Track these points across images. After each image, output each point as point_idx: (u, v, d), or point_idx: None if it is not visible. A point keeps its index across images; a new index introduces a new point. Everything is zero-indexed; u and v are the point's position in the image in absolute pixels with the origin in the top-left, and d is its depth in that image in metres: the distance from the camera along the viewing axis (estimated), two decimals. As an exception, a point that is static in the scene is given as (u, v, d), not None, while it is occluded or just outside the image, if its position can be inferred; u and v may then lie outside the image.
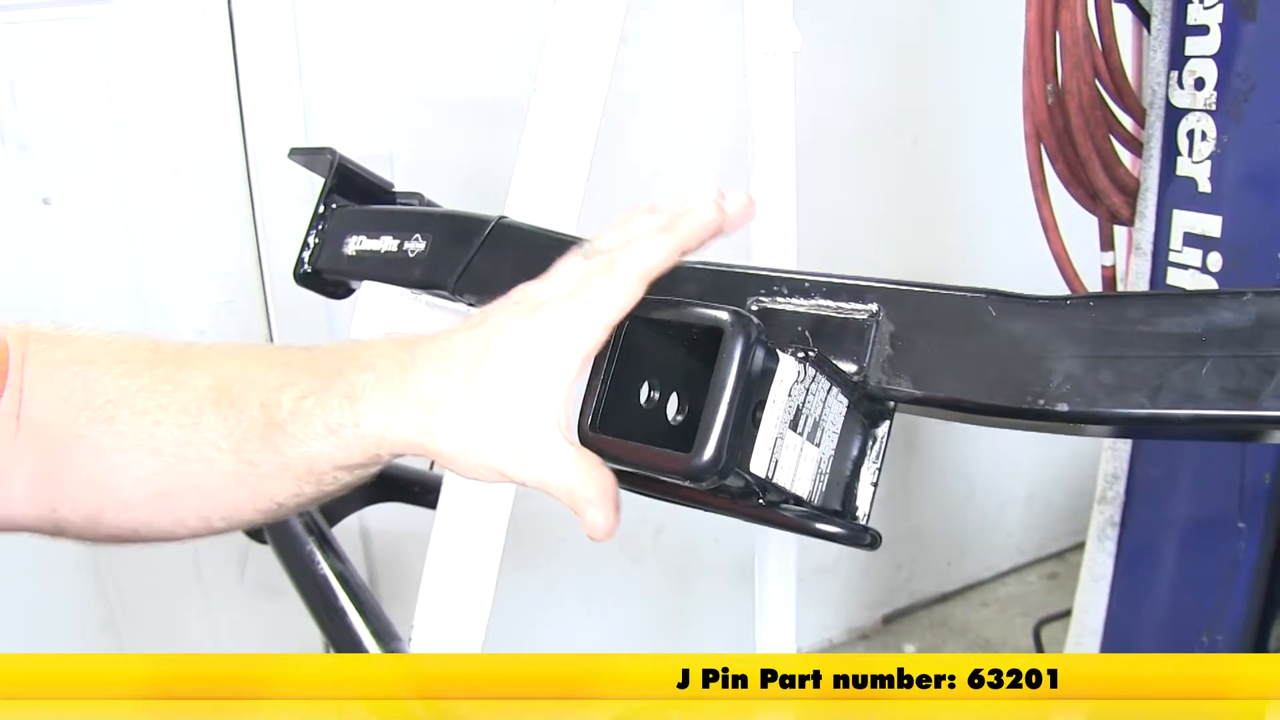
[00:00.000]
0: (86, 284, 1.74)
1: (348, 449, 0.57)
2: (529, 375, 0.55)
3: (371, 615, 1.08)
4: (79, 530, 0.64)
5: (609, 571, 2.39)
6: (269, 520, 0.64)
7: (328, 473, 0.59)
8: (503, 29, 1.90)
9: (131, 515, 0.63)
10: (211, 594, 1.96)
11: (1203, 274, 1.22)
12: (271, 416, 0.58)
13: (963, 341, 0.57)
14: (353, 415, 0.57)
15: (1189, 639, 1.32)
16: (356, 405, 0.57)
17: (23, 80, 1.62)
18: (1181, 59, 1.20)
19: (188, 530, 0.64)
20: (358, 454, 0.57)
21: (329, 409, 0.57)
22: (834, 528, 0.57)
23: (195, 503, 0.62)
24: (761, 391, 0.53)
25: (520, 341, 0.55)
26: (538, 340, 0.55)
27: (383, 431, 0.56)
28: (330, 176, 1.08)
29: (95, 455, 0.61)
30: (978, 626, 2.77)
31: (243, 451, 0.59)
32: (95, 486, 0.62)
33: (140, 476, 0.61)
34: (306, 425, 0.57)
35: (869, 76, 2.32)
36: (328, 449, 0.57)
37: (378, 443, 0.57)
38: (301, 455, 0.58)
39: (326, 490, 0.61)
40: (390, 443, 0.57)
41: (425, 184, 1.15)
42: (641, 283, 0.56)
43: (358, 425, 0.56)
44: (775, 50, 1.10)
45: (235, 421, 0.59)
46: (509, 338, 0.55)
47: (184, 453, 0.60)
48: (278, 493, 0.60)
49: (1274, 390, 0.49)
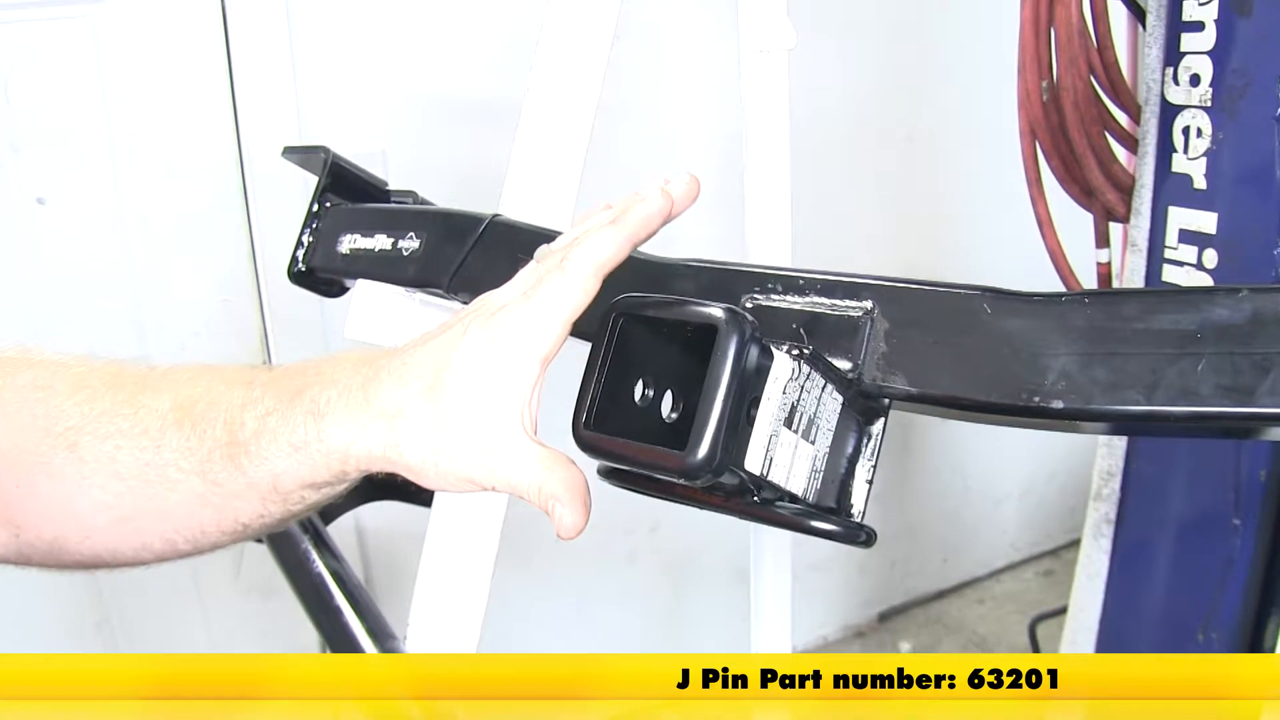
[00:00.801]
0: (80, 284, 1.74)
1: (313, 466, 0.57)
2: (489, 380, 0.55)
3: (367, 614, 1.08)
4: (43, 558, 0.63)
5: (603, 570, 2.39)
6: (235, 541, 0.63)
7: (294, 492, 0.58)
8: (496, 27, 1.90)
9: (93, 542, 0.62)
10: (206, 593, 1.95)
11: (1198, 271, 1.22)
12: (235, 435, 0.58)
13: (958, 338, 0.57)
14: (316, 431, 0.56)
15: (1185, 636, 1.32)
16: (320, 421, 0.56)
17: (16, 80, 1.62)
18: (1177, 55, 1.20)
19: (153, 555, 0.63)
20: (323, 471, 0.57)
21: (293, 426, 0.57)
22: (829, 525, 0.57)
23: (158, 526, 0.61)
24: (756, 389, 0.53)
25: (478, 348, 0.55)
26: (495, 345, 0.55)
27: (347, 447, 0.56)
28: (324, 175, 1.08)
29: (56, 482, 0.60)
30: (973, 624, 2.77)
31: (206, 473, 0.58)
32: (57, 513, 0.61)
33: (102, 502, 0.60)
34: (271, 443, 0.57)
35: (863, 74, 2.32)
36: (292, 466, 0.57)
37: (343, 459, 0.56)
38: (267, 474, 0.57)
39: (293, 510, 0.60)
40: (355, 458, 0.56)
41: (419, 182, 1.15)
42: (594, 276, 0.56)
43: (321, 441, 0.56)
44: (769, 47, 1.10)
45: (198, 442, 0.58)
46: (467, 345, 0.56)
47: (146, 475, 0.59)
48: (242, 512, 0.60)
49: (1269, 387, 0.49)
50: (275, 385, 0.59)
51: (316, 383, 0.58)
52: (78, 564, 0.63)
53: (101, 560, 0.63)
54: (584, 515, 0.55)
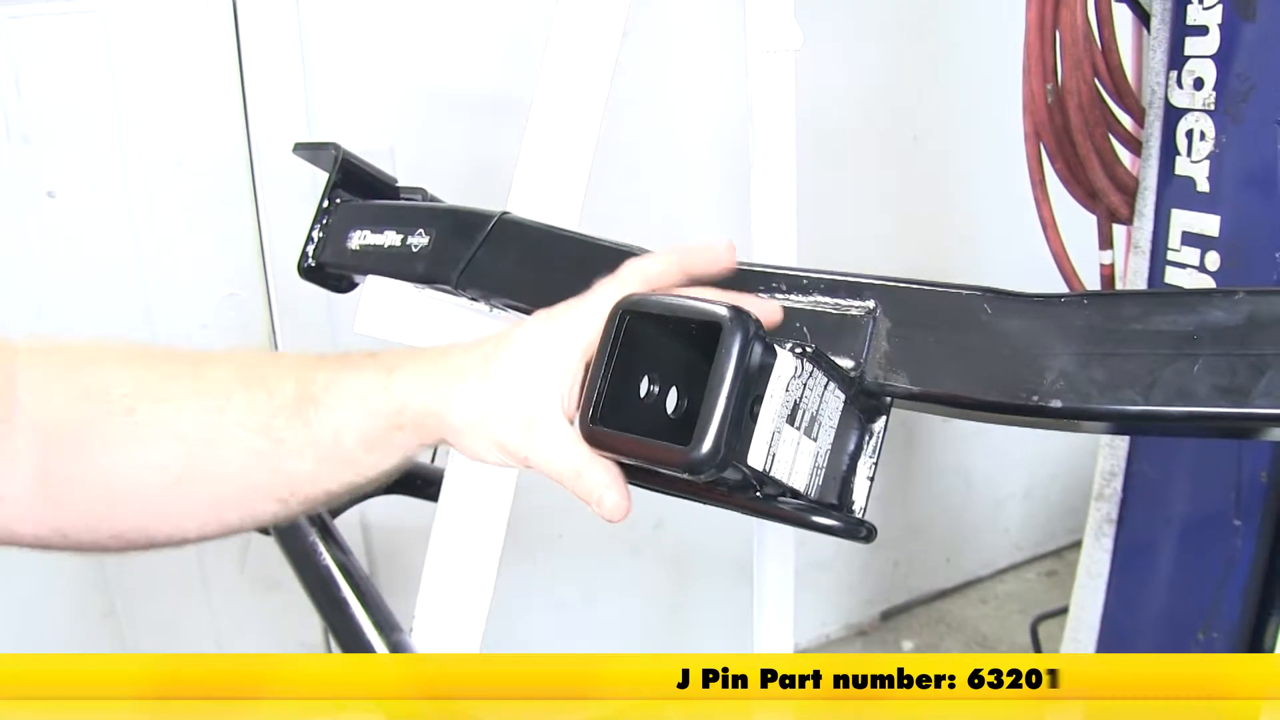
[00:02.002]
0: (90, 276, 1.75)
1: (373, 416, 0.61)
2: (536, 360, 0.60)
3: (373, 606, 1.09)
4: (80, 533, 0.64)
5: (607, 566, 2.39)
6: (279, 517, 0.66)
7: (350, 449, 0.62)
8: (506, 24, 1.91)
9: (143, 508, 0.64)
10: (212, 585, 1.96)
11: (1201, 273, 1.23)
12: (305, 390, 0.62)
13: (958, 338, 0.58)
14: (385, 381, 0.62)
15: (1186, 636, 1.33)
16: (390, 374, 0.62)
17: (27, 73, 1.63)
18: (1181, 59, 1.21)
19: (196, 524, 0.65)
20: (382, 421, 0.61)
21: (363, 376, 0.62)
22: (830, 520, 0.58)
23: (211, 490, 0.64)
24: (759, 386, 0.54)
25: (534, 332, 0.61)
26: (546, 330, 0.61)
27: (408, 397, 0.61)
28: (334, 171, 1.08)
29: (111, 447, 0.62)
30: (975, 623, 2.78)
31: (270, 429, 0.62)
32: (109, 479, 0.63)
33: (158, 464, 0.62)
34: (340, 394, 0.62)
35: (870, 74, 2.32)
36: (355, 418, 0.61)
37: (401, 408, 0.61)
38: (330, 428, 0.61)
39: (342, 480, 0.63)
40: (411, 410, 0.61)
41: (428, 179, 1.16)
42: (642, 282, 0.61)
43: (387, 390, 0.61)
44: (776, 48, 1.10)
45: (266, 399, 0.62)
46: (525, 329, 0.62)
47: (208, 435, 0.62)
48: (296, 475, 0.63)
49: (1265, 388, 0.50)
50: (350, 355, 0.65)
51: (394, 351, 0.64)
52: (117, 536, 0.65)
53: (145, 531, 0.65)
54: (627, 496, 0.58)
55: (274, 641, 2.05)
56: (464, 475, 1.09)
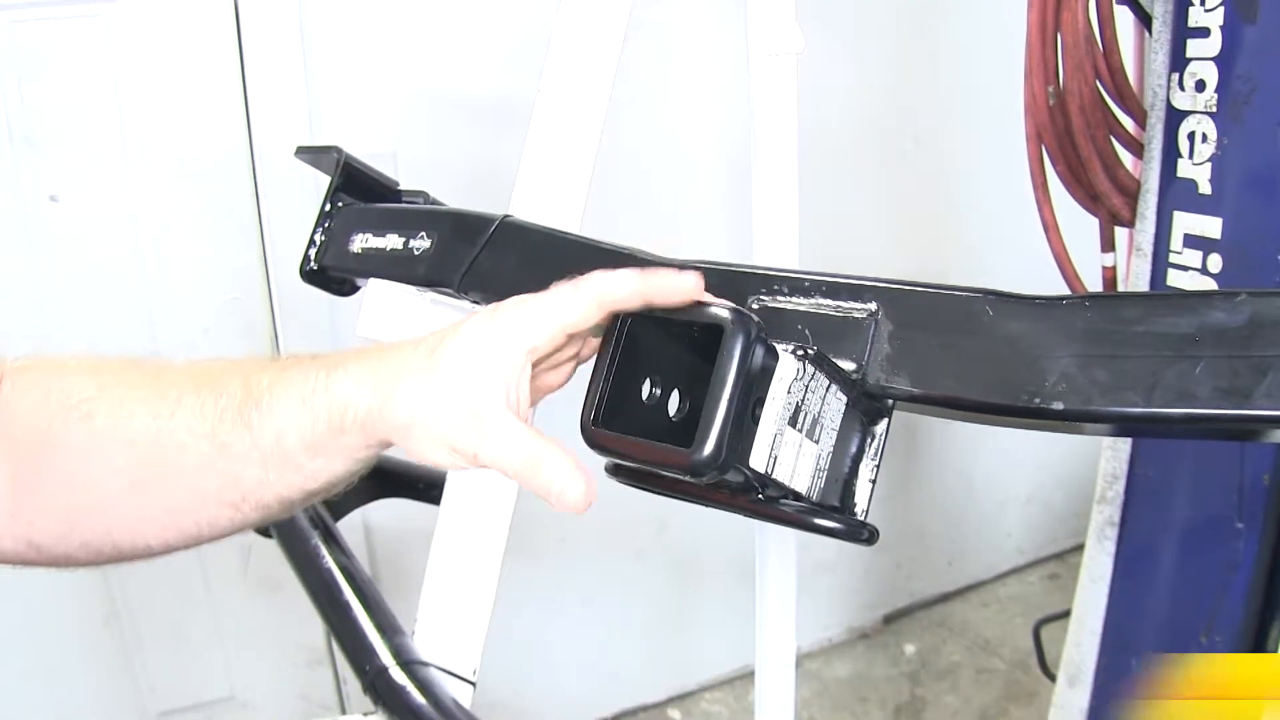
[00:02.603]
0: (92, 280, 1.75)
1: (315, 417, 0.60)
2: (480, 356, 0.59)
3: (375, 609, 1.09)
4: (50, 543, 0.64)
5: (610, 569, 2.39)
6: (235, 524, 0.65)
7: (293, 453, 0.61)
8: (508, 27, 1.91)
9: (104, 515, 0.64)
10: (214, 587, 1.97)
11: (1203, 275, 1.23)
12: (250, 391, 0.61)
13: (960, 340, 0.58)
14: (325, 382, 0.60)
15: (1188, 639, 1.32)
16: (331, 374, 0.61)
17: (30, 77, 1.63)
18: (1182, 61, 1.21)
19: (156, 531, 0.65)
20: (323, 423, 0.60)
21: (306, 378, 0.61)
22: (832, 523, 0.58)
23: (164, 495, 0.63)
24: (761, 388, 0.54)
25: (478, 328, 0.60)
26: (491, 327, 0.60)
27: (349, 397, 0.60)
28: (336, 175, 1.09)
29: (70, 454, 0.62)
30: (978, 626, 2.77)
31: (216, 434, 0.61)
32: (71, 485, 0.63)
33: (114, 469, 0.62)
34: (282, 395, 0.61)
35: (871, 77, 2.33)
36: (297, 419, 0.60)
37: (343, 409, 0.60)
38: (271, 429, 0.60)
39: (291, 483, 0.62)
40: (354, 410, 0.60)
41: (430, 182, 1.16)
42: (596, 304, 0.59)
43: (328, 390, 0.60)
44: (778, 51, 1.10)
45: (213, 403, 0.62)
46: (470, 325, 0.61)
47: (158, 439, 0.62)
48: (244, 478, 0.62)
49: (1266, 390, 0.50)
50: (298, 356, 0.64)
51: (339, 352, 0.63)
52: (86, 548, 0.65)
53: (111, 539, 0.64)
54: (583, 484, 0.56)
55: (276, 644, 2.06)
56: (466, 478, 1.09)
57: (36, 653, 1.88)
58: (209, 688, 2.04)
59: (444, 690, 1.01)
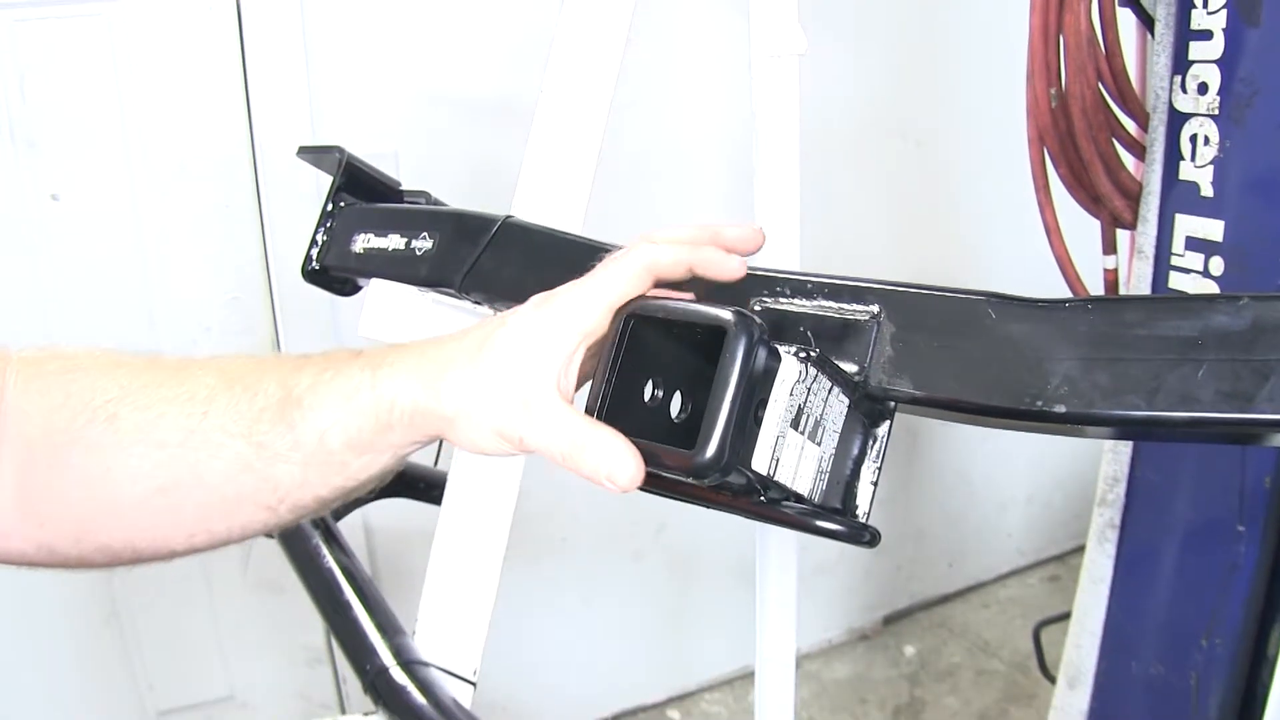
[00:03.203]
0: (93, 279, 1.75)
1: (360, 415, 0.59)
2: (530, 343, 0.58)
3: (376, 610, 1.09)
4: (65, 547, 0.63)
5: (610, 570, 2.39)
6: (269, 526, 0.64)
7: (336, 452, 0.60)
8: (510, 27, 1.91)
9: (127, 519, 0.62)
10: (215, 587, 1.97)
11: (1205, 278, 1.23)
12: (289, 392, 0.60)
13: (962, 343, 0.58)
14: (371, 379, 0.60)
15: (1188, 642, 1.32)
16: (377, 371, 0.60)
17: (32, 77, 1.63)
18: (1185, 64, 1.21)
19: (184, 535, 0.63)
20: (370, 421, 0.59)
21: (349, 376, 0.60)
22: (834, 525, 0.58)
23: (195, 498, 0.62)
24: (763, 390, 0.54)
25: (528, 316, 0.59)
26: (542, 314, 0.59)
27: (395, 393, 0.59)
28: (339, 175, 1.09)
29: (93, 455, 0.61)
30: (978, 628, 2.77)
31: (253, 433, 0.60)
32: (91, 488, 0.61)
33: (141, 472, 0.61)
34: (325, 393, 0.60)
35: (873, 79, 2.33)
36: (341, 417, 0.60)
37: (390, 405, 0.59)
38: (315, 429, 0.60)
39: (330, 483, 0.62)
40: (400, 406, 0.59)
41: (432, 182, 1.16)
42: (646, 272, 0.59)
43: (374, 388, 0.59)
44: (780, 53, 1.10)
45: (249, 403, 0.61)
46: (520, 315, 0.60)
47: (190, 441, 0.60)
48: (282, 480, 0.61)
49: (1269, 393, 0.50)
50: (337, 354, 0.63)
51: (380, 349, 0.62)
52: (104, 551, 0.63)
53: (131, 543, 0.63)
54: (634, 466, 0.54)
55: (276, 644, 2.06)
56: (467, 479, 1.09)
57: (37, 652, 1.88)
58: (209, 687, 2.04)
59: (444, 690, 1.01)
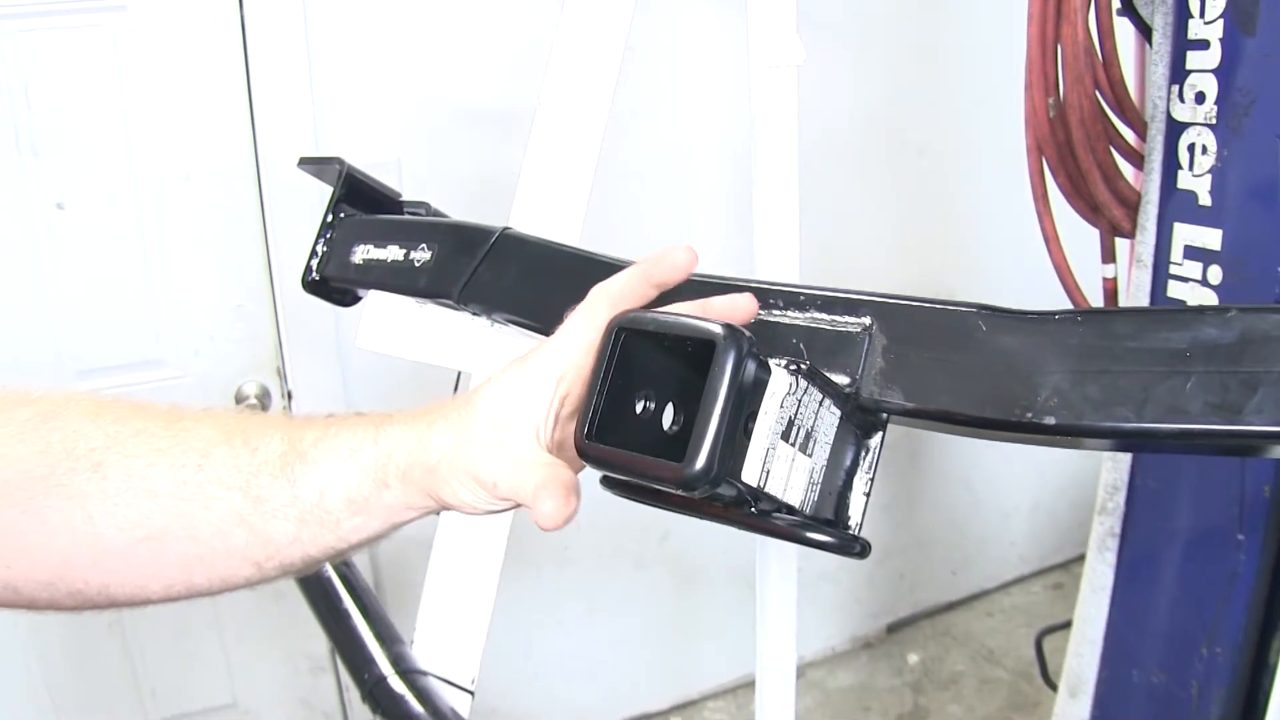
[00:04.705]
0: (97, 288, 1.76)
1: (361, 472, 0.60)
2: (511, 393, 0.61)
3: (375, 618, 1.10)
4: (34, 590, 0.62)
5: (612, 578, 2.40)
6: (252, 582, 0.64)
7: (333, 510, 0.60)
8: (511, 38, 1.92)
9: (106, 566, 0.61)
10: (219, 596, 1.97)
11: (1203, 287, 1.23)
12: (294, 446, 0.61)
13: (953, 355, 0.58)
14: (374, 435, 0.61)
15: (1189, 650, 1.32)
16: (380, 429, 0.61)
17: (37, 86, 1.64)
18: (1182, 73, 1.21)
19: (161, 585, 0.63)
20: (369, 478, 0.60)
21: (354, 433, 0.61)
22: (825, 536, 0.58)
23: (183, 548, 0.61)
24: (753, 403, 0.54)
25: (511, 370, 0.62)
26: (522, 367, 0.62)
27: (393, 448, 0.60)
28: (338, 186, 1.09)
29: (75, 502, 0.60)
30: (981, 636, 2.77)
31: (251, 487, 0.60)
32: (69, 536, 0.60)
33: (128, 520, 0.60)
34: (329, 450, 0.61)
35: (872, 89, 2.33)
36: (343, 473, 0.60)
37: (387, 460, 0.60)
38: (315, 484, 0.60)
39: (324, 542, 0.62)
40: (396, 460, 0.60)
41: (433, 191, 1.16)
42: (605, 304, 0.61)
43: (376, 444, 0.60)
44: (778, 63, 1.11)
45: (249, 457, 0.60)
46: (506, 371, 0.62)
47: (183, 492, 0.60)
48: (276, 535, 0.61)
49: (1257, 405, 0.50)
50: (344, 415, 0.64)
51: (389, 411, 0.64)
52: (75, 596, 0.62)
53: (107, 590, 0.62)
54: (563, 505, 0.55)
55: (278, 651, 2.06)
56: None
57: (39, 658, 1.88)
58: (211, 694, 2.04)
59: (442, 699, 1.01)
